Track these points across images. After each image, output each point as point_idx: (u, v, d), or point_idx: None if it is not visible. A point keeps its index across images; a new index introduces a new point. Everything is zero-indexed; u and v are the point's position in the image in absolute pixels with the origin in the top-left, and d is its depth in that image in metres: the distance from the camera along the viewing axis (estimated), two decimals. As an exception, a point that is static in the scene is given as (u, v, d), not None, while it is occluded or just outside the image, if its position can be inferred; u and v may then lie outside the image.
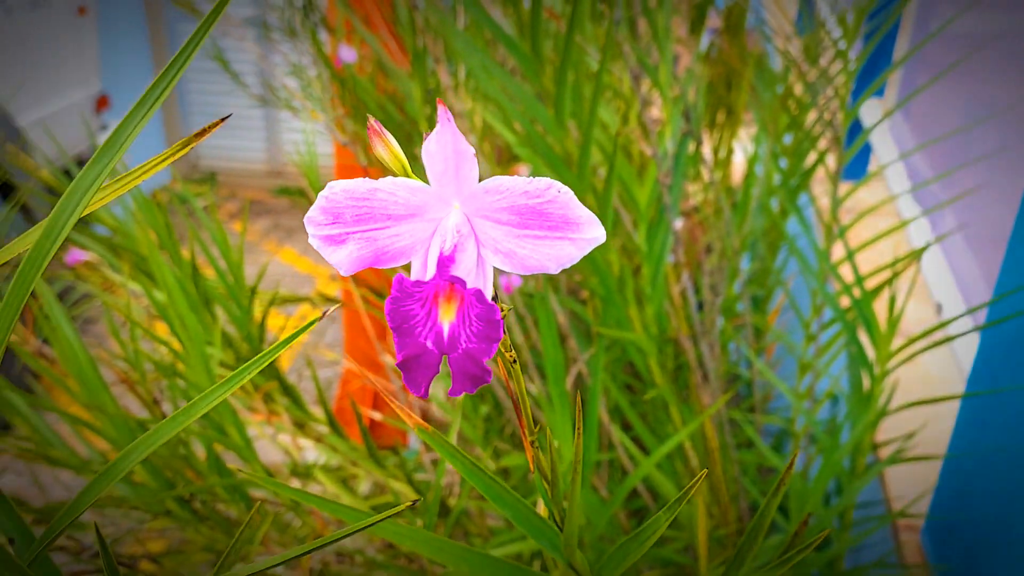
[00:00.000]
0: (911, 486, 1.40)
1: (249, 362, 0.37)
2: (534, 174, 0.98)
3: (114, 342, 0.89)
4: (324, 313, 0.39)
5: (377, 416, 1.54)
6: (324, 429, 1.23)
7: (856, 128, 2.18)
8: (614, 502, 1.14)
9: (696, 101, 1.07)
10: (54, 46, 3.20)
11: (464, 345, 0.39)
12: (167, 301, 0.73)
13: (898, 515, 1.22)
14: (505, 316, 0.42)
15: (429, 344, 0.40)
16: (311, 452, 1.39)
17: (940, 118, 1.86)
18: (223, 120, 0.39)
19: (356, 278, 1.87)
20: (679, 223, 1.32)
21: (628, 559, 0.47)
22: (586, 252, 0.39)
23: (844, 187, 2.43)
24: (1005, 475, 1.14)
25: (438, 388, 1.62)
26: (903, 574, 1.28)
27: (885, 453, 1.45)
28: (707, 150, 1.84)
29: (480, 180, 0.40)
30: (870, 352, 1.22)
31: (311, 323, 0.37)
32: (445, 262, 0.39)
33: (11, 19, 2.94)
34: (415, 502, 0.41)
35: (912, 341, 1.14)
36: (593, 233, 0.39)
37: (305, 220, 0.40)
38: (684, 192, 1.49)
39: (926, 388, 1.53)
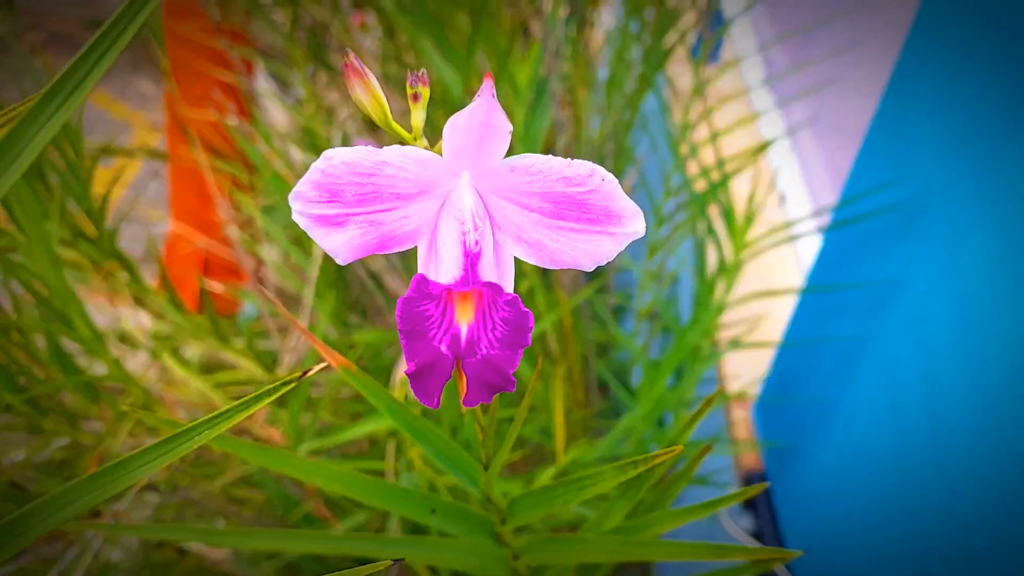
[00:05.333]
0: (744, 368, 1.49)
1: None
2: (419, 53, 0.90)
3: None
4: (305, 374, 0.33)
5: (218, 287, 1.45)
6: (159, 300, 1.14)
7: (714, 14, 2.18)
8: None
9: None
10: None
11: (484, 351, 0.35)
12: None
13: (735, 396, 1.30)
14: None
15: (443, 348, 0.35)
16: (133, 317, 1.29)
17: (798, 8, 1.88)
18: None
19: (190, 132, 1.71)
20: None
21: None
22: (623, 247, 0.35)
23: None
24: (829, 363, 1.23)
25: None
26: (735, 448, 1.38)
27: (723, 337, 1.53)
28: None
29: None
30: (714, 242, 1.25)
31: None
32: (474, 260, 0.34)
33: None
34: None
35: (766, 235, 1.18)
36: (635, 227, 0.35)
37: (292, 196, 0.33)
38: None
39: (765, 277, 1.61)
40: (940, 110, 1.02)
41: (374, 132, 1.46)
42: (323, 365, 0.36)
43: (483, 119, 0.33)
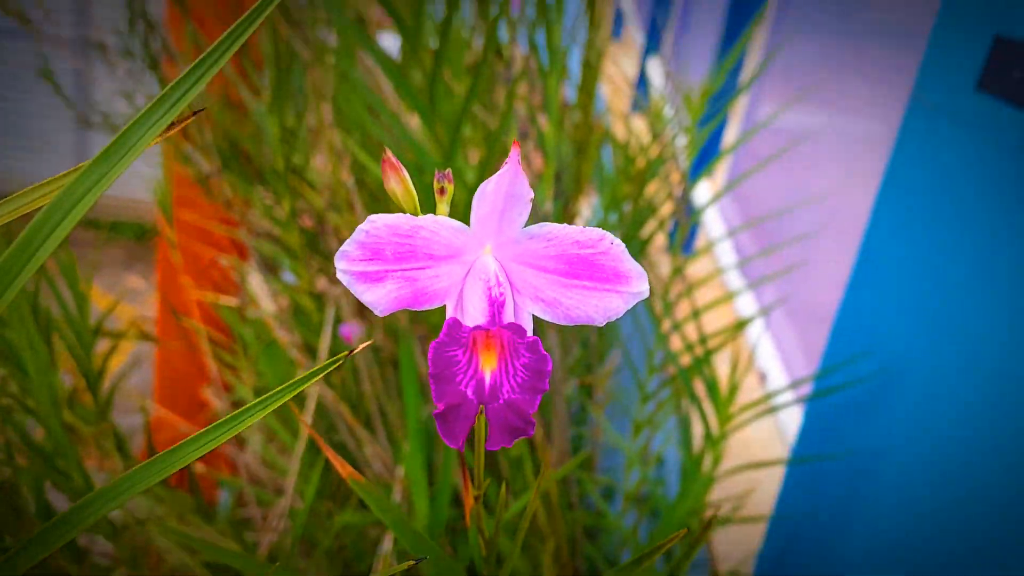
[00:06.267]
0: (734, 547, 1.47)
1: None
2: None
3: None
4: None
5: (200, 469, 1.44)
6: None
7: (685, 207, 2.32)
8: (460, 560, 1.12)
9: (567, 165, 1.09)
10: None
11: (507, 395, 0.38)
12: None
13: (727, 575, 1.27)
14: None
15: (469, 393, 0.38)
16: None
17: (764, 199, 2.01)
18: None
19: (187, 311, 1.76)
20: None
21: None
22: (631, 305, 0.39)
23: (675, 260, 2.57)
24: (823, 538, 1.22)
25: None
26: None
27: (711, 515, 1.51)
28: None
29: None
30: (698, 418, 1.27)
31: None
32: (499, 307, 0.38)
33: None
34: None
35: (749, 407, 1.21)
36: (640, 287, 0.39)
37: (338, 255, 0.38)
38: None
39: (748, 452, 1.62)
40: (906, 285, 1.08)
41: (364, 317, 1.51)
42: (365, 344, 0.39)
43: (508, 188, 0.38)
